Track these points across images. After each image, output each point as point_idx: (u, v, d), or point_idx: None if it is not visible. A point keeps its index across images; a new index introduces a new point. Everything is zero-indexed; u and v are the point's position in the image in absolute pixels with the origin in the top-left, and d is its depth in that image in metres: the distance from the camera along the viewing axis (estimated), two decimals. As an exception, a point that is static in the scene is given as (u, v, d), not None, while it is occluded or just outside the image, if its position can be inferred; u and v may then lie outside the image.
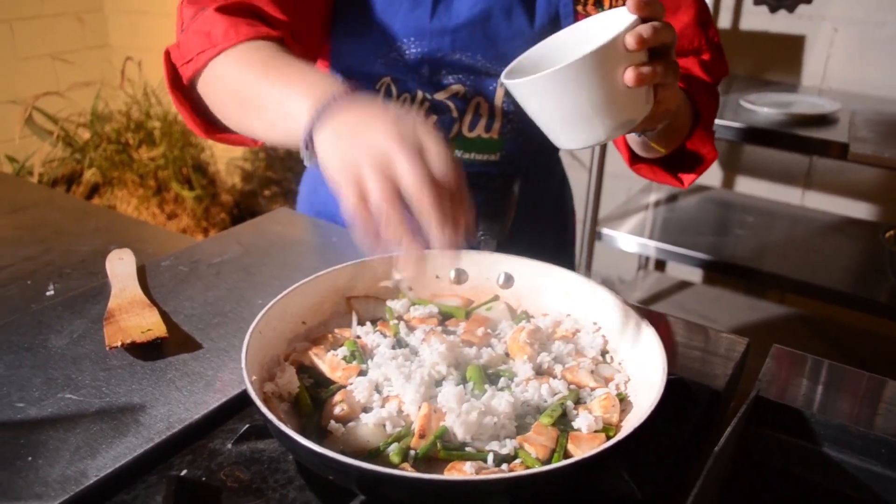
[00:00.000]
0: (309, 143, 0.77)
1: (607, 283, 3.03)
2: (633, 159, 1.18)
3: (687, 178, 1.17)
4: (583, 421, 0.75)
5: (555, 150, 1.38)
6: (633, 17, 0.78)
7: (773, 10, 2.39)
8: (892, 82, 2.29)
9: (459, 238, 0.71)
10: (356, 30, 1.17)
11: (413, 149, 0.69)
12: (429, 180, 0.68)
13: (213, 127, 1.06)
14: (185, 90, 1.04)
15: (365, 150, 0.70)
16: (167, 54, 1.03)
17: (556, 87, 0.78)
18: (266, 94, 0.87)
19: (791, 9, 2.37)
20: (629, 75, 0.78)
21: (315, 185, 1.41)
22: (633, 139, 1.10)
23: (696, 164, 1.17)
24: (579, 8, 1.12)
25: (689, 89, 1.09)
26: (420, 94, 1.18)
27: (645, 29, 0.77)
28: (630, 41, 0.76)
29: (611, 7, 1.07)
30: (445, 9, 1.13)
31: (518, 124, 1.21)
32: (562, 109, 0.80)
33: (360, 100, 0.77)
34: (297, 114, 0.79)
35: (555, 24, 1.14)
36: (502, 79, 0.85)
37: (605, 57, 0.76)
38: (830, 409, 0.84)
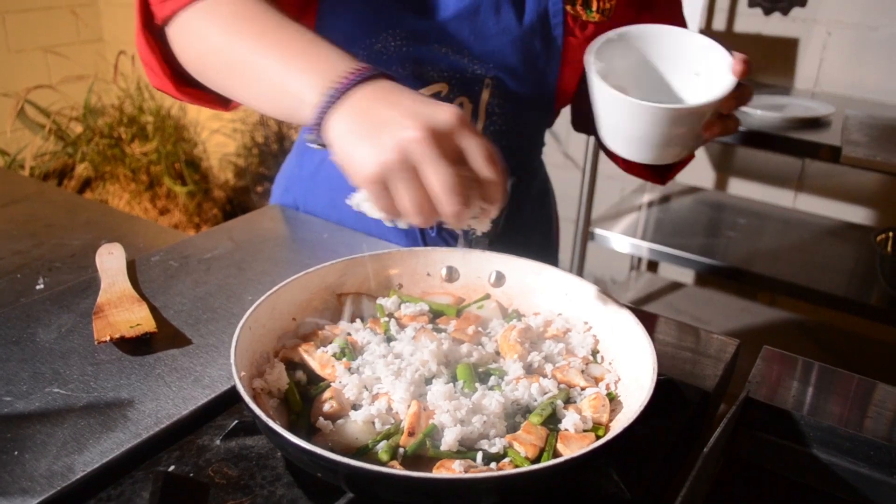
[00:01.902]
0: (318, 128, 0.72)
1: (600, 284, 3.03)
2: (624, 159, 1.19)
3: (668, 176, 1.22)
4: (572, 420, 0.75)
5: (538, 151, 1.38)
6: (732, 80, 0.83)
7: (768, 12, 2.40)
8: (885, 86, 2.30)
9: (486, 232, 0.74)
10: (339, 17, 1.13)
11: (442, 151, 0.66)
12: (455, 192, 0.66)
13: (182, 81, 0.97)
14: (155, 33, 0.94)
15: (391, 153, 0.66)
16: None
17: (644, 117, 0.82)
18: (261, 63, 0.80)
19: (785, 11, 2.37)
20: (711, 133, 0.85)
21: (289, 186, 1.37)
22: None
23: (676, 164, 1.19)
24: (568, 8, 1.12)
25: None
26: None
27: (741, 96, 0.85)
28: (725, 108, 0.84)
29: (598, 8, 1.10)
30: (433, 1, 1.11)
31: (501, 126, 1.20)
32: (634, 130, 0.84)
33: (380, 83, 0.72)
34: (303, 94, 0.74)
35: (543, 23, 1.12)
36: (589, 59, 0.86)
37: (700, 113, 0.83)
38: (820, 411, 0.85)
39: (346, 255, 0.94)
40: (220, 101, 0.99)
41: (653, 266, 2.93)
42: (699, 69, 0.89)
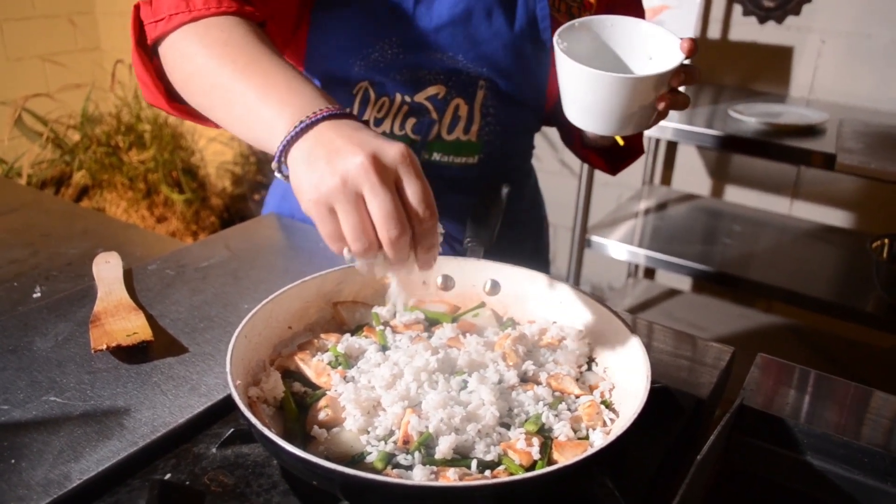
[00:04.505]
0: (283, 156, 0.75)
1: (597, 291, 3.04)
2: (583, 146, 1.31)
3: (620, 167, 1.33)
4: (567, 428, 0.75)
5: (529, 153, 1.40)
6: (681, 57, 0.92)
7: (762, 21, 2.41)
8: (879, 94, 2.31)
9: (417, 271, 0.74)
10: (334, 34, 1.16)
11: (385, 180, 0.68)
12: (394, 218, 0.68)
13: (173, 97, 0.99)
14: (148, 51, 0.97)
15: (337, 177, 0.68)
16: (136, 9, 0.95)
17: (605, 86, 0.91)
18: (241, 91, 0.82)
19: (780, 20, 2.38)
20: (664, 104, 0.93)
21: (284, 193, 1.40)
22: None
23: (628, 157, 1.31)
24: (555, 14, 1.17)
25: None
26: (399, 97, 1.18)
27: (689, 73, 0.93)
28: (675, 81, 0.93)
29: (579, 14, 1.19)
30: (427, 9, 1.14)
31: (496, 126, 1.22)
32: (596, 101, 0.93)
33: (345, 121, 0.74)
34: (274, 124, 0.76)
35: (533, 27, 1.17)
36: (556, 39, 0.94)
37: (654, 83, 0.91)
38: (814, 419, 0.85)
39: (342, 264, 0.95)
40: (209, 119, 1.00)
41: (650, 273, 2.93)
42: (652, 54, 0.98)
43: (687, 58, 0.92)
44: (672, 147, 2.72)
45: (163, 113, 3.47)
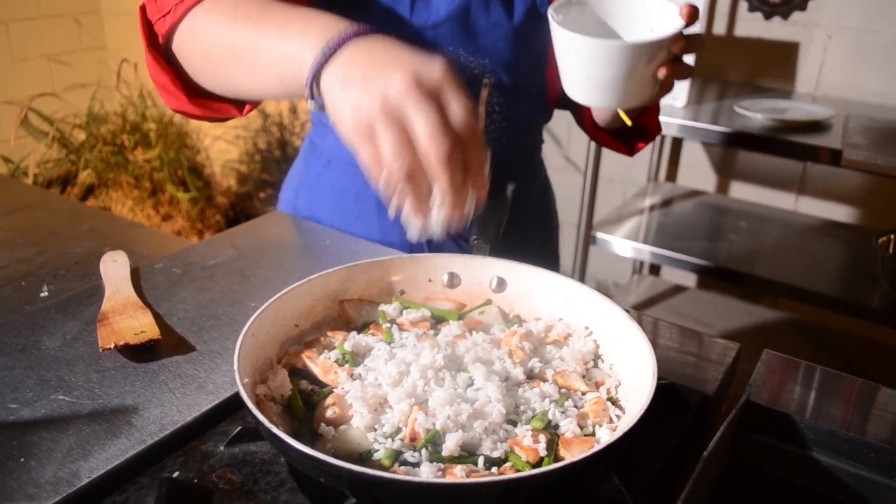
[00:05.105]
0: (315, 86, 0.72)
1: (602, 288, 3.04)
2: (595, 128, 1.29)
3: (637, 147, 1.29)
4: (573, 425, 0.75)
5: (537, 149, 1.39)
6: (681, 23, 0.88)
7: (768, 16, 2.40)
8: (885, 89, 2.31)
9: (469, 200, 0.71)
10: None
11: (428, 97, 0.66)
12: (442, 133, 0.65)
13: (196, 94, 0.98)
14: (161, 51, 0.96)
15: (378, 97, 0.66)
16: (142, 10, 0.95)
17: (601, 55, 0.87)
18: (261, 39, 0.80)
19: (785, 16, 2.38)
20: (663, 71, 0.88)
21: (297, 189, 1.40)
22: (600, 111, 1.21)
23: (644, 136, 1.27)
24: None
25: None
26: None
27: (690, 39, 0.89)
28: (675, 48, 0.87)
29: None
30: (425, 5, 1.14)
31: (501, 123, 1.22)
32: (594, 72, 0.89)
33: (375, 39, 0.72)
34: (301, 55, 0.74)
35: (533, 15, 1.16)
36: (550, 13, 0.91)
37: (652, 50, 0.87)
38: (820, 415, 0.85)
39: (349, 262, 0.95)
40: (235, 105, 1.00)
41: (655, 270, 2.93)
42: (653, 26, 0.94)
43: (687, 24, 0.89)
44: (677, 143, 2.72)
45: (168, 112, 3.49)
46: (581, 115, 1.31)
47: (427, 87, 0.66)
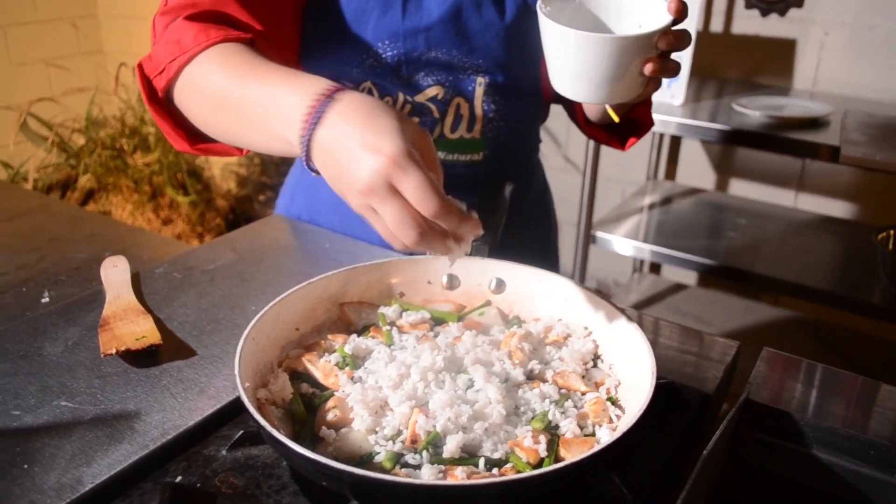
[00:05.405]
0: (307, 149, 0.76)
1: (602, 287, 3.04)
2: (587, 123, 1.28)
3: (629, 142, 1.27)
4: (573, 425, 0.75)
5: (535, 149, 1.40)
6: (669, 19, 0.88)
7: (765, 13, 2.40)
8: (883, 85, 2.31)
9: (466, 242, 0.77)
10: (329, 41, 1.16)
11: (413, 165, 0.70)
12: (431, 190, 0.69)
13: (196, 138, 1.03)
14: (162, 103, 1.01)
15: (363, 183, 0.70)
16: (140, 67, 1.00)
17: (587, 48, 0.87)
18: (250, 96, 0.84)
19: (782, 12, 2.38)
20: (650, 67, 0.88)
21: (293, 195, 1.41)
22: (591, 107, 1.21)
23: (637, 131, 1.26)
24: None
25: None
26: (401, 96, 1.19)
27: (677, 35, 0.88)
28: (663, 43, 0.87)
29: None
30: (416, 8, 1.14)
31: (498, 122, 1.23)
32: (580, 66, 0.89)
33: (356, 103, 0.75)
34: (290, 117, 0.77)
35: (524, 13, 1.17)
36: (538, 5, 0.90)
37: (639, 44, 0.87)
38: (820, 412, 0.85)
39: (348, 265, 0.95)
40: (236, 147, 1.03)
41: (655, 268, 2.93)
42: (642, 21, 0.94)
43: (675, 20, 0.89)
44: (676, 141, 2.72)
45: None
46: (573, 109, 1.32)
47: (406, 158, 0.70)
